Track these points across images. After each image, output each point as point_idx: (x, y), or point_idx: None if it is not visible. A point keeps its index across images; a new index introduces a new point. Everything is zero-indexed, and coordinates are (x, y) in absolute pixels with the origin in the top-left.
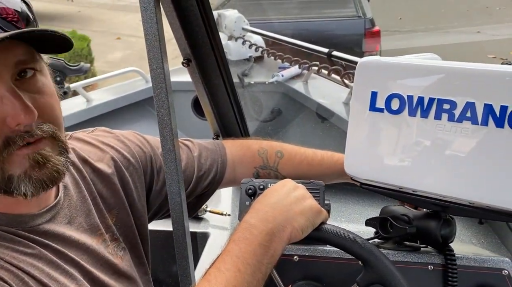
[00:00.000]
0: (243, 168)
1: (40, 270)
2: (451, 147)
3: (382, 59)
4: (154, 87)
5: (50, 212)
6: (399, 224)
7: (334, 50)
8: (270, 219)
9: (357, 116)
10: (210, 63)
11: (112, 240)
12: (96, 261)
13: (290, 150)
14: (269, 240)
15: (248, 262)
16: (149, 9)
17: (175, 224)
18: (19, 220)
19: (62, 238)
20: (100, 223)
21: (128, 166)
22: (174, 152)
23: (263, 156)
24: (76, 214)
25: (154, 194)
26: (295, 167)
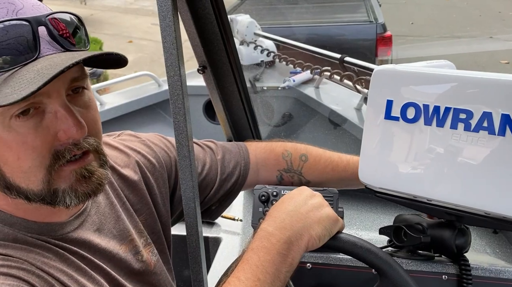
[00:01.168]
0: (267, 171)
1: (69, 276)
2: (467, 156)
3: (398, 67)
4: (171, 94)
5: (78, 219)
6: (413, 233)
7: (347, 55)
8: (288, 227)
9: (372, 125)
10: (225, 70)
11: (146, 245)
12: (122, 269)
13: (315, 153)
14: (287, 248)
15: (267, 271)
16: (167, 17)
17: (189, 229)
18: (49, 228)
19: (89, 245)
20: (131, 228)
21: (154, 171)
22: (189, 158)
23: (287, 159)
24: (104, 220)
25: (177, 198)
26: (319, 171)
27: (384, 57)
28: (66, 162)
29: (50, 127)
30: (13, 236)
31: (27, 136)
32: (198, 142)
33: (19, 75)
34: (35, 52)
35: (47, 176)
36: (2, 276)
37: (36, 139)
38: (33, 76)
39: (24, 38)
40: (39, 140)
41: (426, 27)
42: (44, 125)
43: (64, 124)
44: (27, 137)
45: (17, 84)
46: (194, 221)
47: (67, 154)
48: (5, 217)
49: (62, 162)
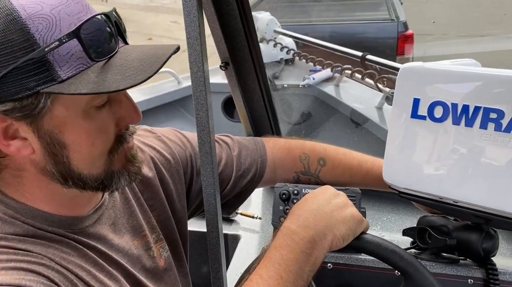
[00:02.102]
0: (284, 171)
1: (87, 271)
2: (496, 158)
3: (425, 65)
4: (194, 90)
5: (96, 213)
6: (438, 235)
7: (368, 53)
8: (311, 225)
9: (397, 123)
10: (247, 67)
11: (157, 241)
12: (135, 264)
13: (333, 158)
14: (310, 247)
15: (290, 270)
16: (191, 13)
17: (209, 226)
18: (69, 222)
19: (105, 240)
20: (144, 223)
21: (169, 167)
22: (211, 154)
23: (304, 162)
24: (119, 215)
25: (193, 193)
26: (337, 177)
27: (405, 55)
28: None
29: (115, 113)
30: (33, 232)
31: (102, 123)
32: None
33: (117, 64)
34: (116, 44)
35: (108, 160)
36: (22, 271)
37: (109, 126)
38: (138, 65)
39: (107, 31)
40: (111, 127)
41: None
42: (112, 112)
43: (128, 111)
44: (102, 124)
45: (124, 71)
46: (214, 218)
47: (127, 138)
48: (27, 209)
49: (124, 146)
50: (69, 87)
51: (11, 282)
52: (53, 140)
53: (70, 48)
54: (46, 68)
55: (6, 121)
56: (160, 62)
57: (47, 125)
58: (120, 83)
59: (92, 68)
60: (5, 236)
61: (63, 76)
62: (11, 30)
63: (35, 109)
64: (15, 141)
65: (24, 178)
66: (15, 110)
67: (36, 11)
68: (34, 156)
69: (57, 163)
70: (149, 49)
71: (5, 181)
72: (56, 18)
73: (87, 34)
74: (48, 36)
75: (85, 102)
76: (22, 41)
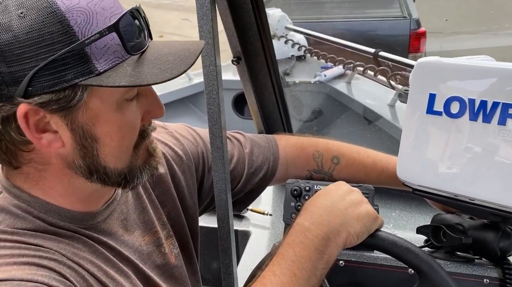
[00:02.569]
0: (296, 169)
1: (98, 267)
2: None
3: (442, 59)
4: (206, 85)
5: (108, 208)
6: (453, 233)
7: (381, 50)
8: (325, 222)
9: (412, 119)
10: (259, 62)
11: (168, 237)
12: (146, 260)
13: (348, 156)
14: (324, 244)
15: (303, 267)
16: (204, 6)
17: (220, 222)
18: (81, 218)
19: (116, 235)
20: (155, 219)
21: (181, 163)
22: (222, 149)
23: (318, 160)
24: (131, 210)
25: (205, 190)
26: (351, 175)
27: (417, 53)
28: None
29: (141, 107)
30: (44, 227)
31: (132, 116)
32: (226, 134)
33: (151, 58)
34: (145, 38)
35: (133, 155)
36: (34, 266)
37: (137, 119)
38: (173, 59)
39: (137, 26)
40: (138, 120)
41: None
42: (139, 106)
43: (154, 105)
44: (132, 117)
45: (160, 65)
46: (225, 213)
47: (149, 133)
48: (40, 203)
49: (146, 141)
50: (107, 79)
51: (24, 277)
52: (86, 134)
53: (106, 41)
54: (84, 61)
55: (39, 114)
56: (194, 57)
57: (81, 118)
58: (158, 76)
59: (127, 61)
60: (17, 230)
61: (100, 69)
62: (51, 22)
63: (71, 101)
64: (46, 135)
65: (47, 172)
66: (51, 103)
67: (74, 4)
68: (63, 150)
69: (86, 156)
70: (179, 45)
71: (24, 175)
72: (92, 11)
73: (123, 28)
74: (86, 29)
75: (119, 95)
76: (61, 34)
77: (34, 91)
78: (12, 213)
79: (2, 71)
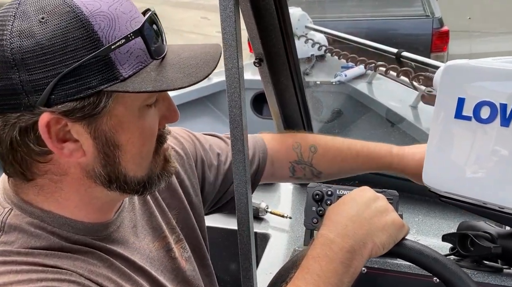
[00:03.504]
0: (280, 163)
1: (114, 283)
2: None
3: (471, 62)
4: (228, 87)
5: (119, 217)
6: (481, 242)
7: (404, 50)
8: (350, 234)
9: (440, 124)
10: (281, 63)
11: (178, 241)
12: (158, 267)
13: (323, 144)
14: (350, 257)
15: (329, 282)
16: (228, 8)
17: (240, 225)
18: (95, 229)
19: (128, 244)
20: (164, 224)
21: (182, 163)
22: (243, 152)
23: (297, 150)
24: (139, 217)
25: (208, 187)
26: (329, 162)
27: (439, 53)
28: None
29: (158, 112)
30: (59, 245)
31: (152, 121)
32: (217, 135)
33: (173, 62)
34: (164, 43)
35: (152, 162)
36: None
37: (156, 125)
38: (195, 63)
39: (155, 30)
40: (157, 126)
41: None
42: (157, 111)
43: (170, 110)
44: (152, 122)
45: (183, 70)
46: (246, 217)
47: (166, 137)
48: (54, 218)
49: (164, 147)
50: (133, 85)
51: None
52: (108, 141)
53: (130, 46)
54: (109, 67)
55: (61, 123)
56: (216, 60)
57: (104, 125)
58: (183, 80)
59: (150, 66)
60: (31, 251)
61: (125, 75)
62: (75, 27)
63: (96, 109)
64: (67, 144)
65: (64, 183)
66: (75, 111)
67: (96, 8)
68: (83, 159)
69: (108, 164)
70: (198, 48)
71: (38, 187)
72: (114, 16)
73: (146, 32)
74: (110, 34)
75: (142, 101)
76: (85, 39)
77: (57, 99)
78: (25, 231)
79: (22, 79)
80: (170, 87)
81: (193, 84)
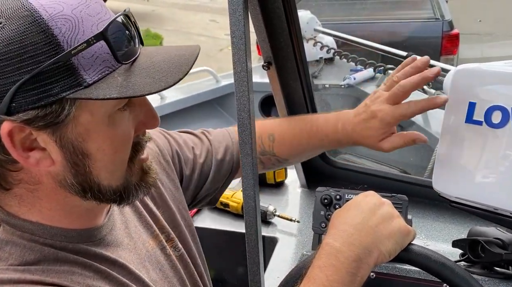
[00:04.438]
0: None
1: None
2: None
3: (482, 66)
4: (237, 91)
5: (110, 219)
6: (492, 248)
7: (413, 53)
8: (356, 243)
9: (450, 128)
10: (290, 67)
11: (168, 240)
12: (156, 265)
13: (279, 131)
14: (356, 267)
15: None
16: (237, 12)
17: (248, 228)
18: (88, 234)
19: (123, 246)
20: (153, 223)
21: (158, 159)
22: (252, 156)
23: (258, 141)
24: (130, 218)
25: (185, 183)
26: (288, 148)
27: (449, 56)
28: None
29: (135, 118)
30: (54, 255)
31: (124, 128)
32: (189, 131)
33: (143, 66)
34: (137, 45)
35: (128, 170)
36: None
37: (130, 131)
38: (166, 67)
39: (128, 32)
40: (131, 132)
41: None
42: (132, 117)
43: (148, 116)
44: (124, 129)
45: (153, 74)
46: (253, 220)
47: (143, 145)
48: (44, 229)
49: (140, 154)
50: (97, 91)
51: None
52: (76, 150)
53: (95, 50)
54: (71, 72)
55: (25, 131)
56: (189, 64)
57: (70, 134)
58: (152, 86)
59: (118, 71)
60: (28, 268)
61: (89, 81)
62: (33, 32)
63: (59, 117)
64: (33, 153)
65: (40, 192)
66: (37, 119)
67: (57, 11)
68: (53, 168)
69: (78, 173)
70: (174, 50)
71: (18, 197)
72: (78, 19)
73: (112, 35)
74: (72, 38)
75: (111, 107)
76: (45, 44)
77: (18, 107)
78: (18, 244)
79: None
80: (137, 94)
81: (161, 90)
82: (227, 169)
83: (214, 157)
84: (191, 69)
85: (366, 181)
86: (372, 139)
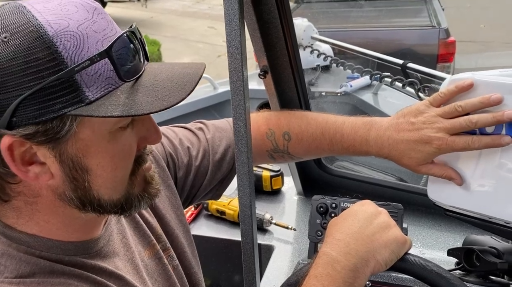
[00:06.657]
0: (257, 151)
1: None
2: None
3: (476, 76)
4: (233, 100)
5: (107, 230)
6: (487, 257)
7: (409, 61)
8: (353, 252)
9: None
10: (286, 75)
11: (165, 249)
12: (152, 275)
13: (297, 130)
14: (353, 276)
15: None
16: (233, 22)
17: (244, 237)
18: (85, 246)
19: (119, 256)
20: (150, 233)
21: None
22: (247, 165)
23: (271, 139)
24: (126, 228)
25: (180, 186)
26: (305, 150)
27: (446, 63)
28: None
29: (137, 134)
30: (50, 267)
31: (126, 145)
32: (186, 126)
33: (147, 84)
34: (142, 62)
35: (129, 184)
36: None
37: (132, 147)
38: (170, 86)
39: (133, 49)
40: (133, 148)
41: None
42: (134, 133)
43: (151, 132)
44: (126, 145)
45: (156, 93)
46: (249, 229)
47: (145, 159)
48: (41, 242)
49: (142, 167)
50: (99, 109)
51: None
52: (76, 165)
53: (98, 67)
54: (73, 89)
55: (25, 146)
56: (193, 83)
57: (70, 149)
58: (154, 105)
59: (121, 88)
60: (23, 280)
61: (91, 98)
62: (38, 48)
63: (60, 132)
64: (33, 167)
65: (39, 205)
66: (38, 134)
67: (63, 27)
68: (53, 181)
69: (77, 188)
70: (179, 68)
71: (16, 210)
72: (83, 35)
73: (116, 52)
74: (76, 55)
75: (112, 124)
76: (48, 60)
77: (19, 121)
78: (14, 256)
79: None
80: (139, 113)
81: (163, 110)
82: (227, 168)
83: (211, 158)
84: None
85: (362, 188)
86: (414, 161)
